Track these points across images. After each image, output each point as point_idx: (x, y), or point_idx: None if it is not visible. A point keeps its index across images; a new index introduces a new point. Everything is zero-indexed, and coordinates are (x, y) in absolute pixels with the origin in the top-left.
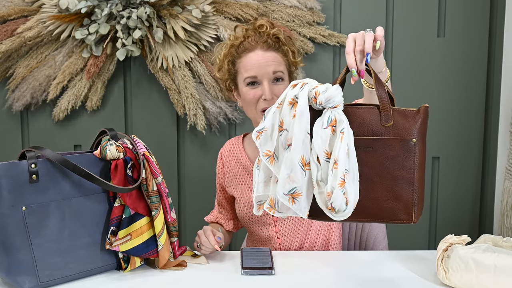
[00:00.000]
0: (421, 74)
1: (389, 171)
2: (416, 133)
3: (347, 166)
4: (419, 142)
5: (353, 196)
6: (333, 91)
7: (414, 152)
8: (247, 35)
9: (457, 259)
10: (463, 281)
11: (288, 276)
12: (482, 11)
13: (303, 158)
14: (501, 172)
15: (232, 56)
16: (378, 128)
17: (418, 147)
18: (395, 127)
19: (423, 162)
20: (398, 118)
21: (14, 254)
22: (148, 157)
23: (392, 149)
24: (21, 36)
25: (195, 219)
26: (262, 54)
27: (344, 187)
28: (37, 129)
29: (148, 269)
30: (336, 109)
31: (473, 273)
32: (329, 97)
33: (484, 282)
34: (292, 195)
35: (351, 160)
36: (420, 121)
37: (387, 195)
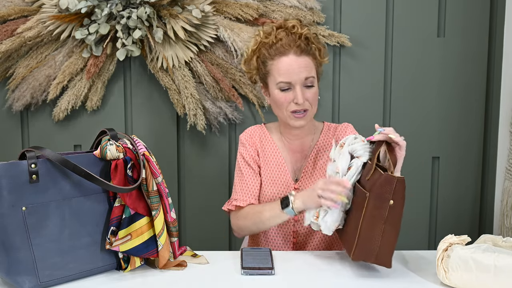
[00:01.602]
0: (421, 74)
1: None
2: (370, 190)
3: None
4: (371, 198)
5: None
6: (357, 146)
7: (364, 202)
8: (279, 37)
9: (457, 259)
10: (463, 281)
11: (288, 276)
12: (482, 11)
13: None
14: (501, 172)
15: (264, 56)
16: (364, 180)
17: (369, 201)
18: (369, 182)
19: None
20: (374, 177)
21: (14, 254)
22: (148, 157)
23: (357, 197)
24: (21, 36)
25: (195, 219)
26: (296, 59)
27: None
28: (37, 129)
29: (148, 269)
30: (358, 159)
31: (473, 272)
32: (353, 149)
33: (484, 281)
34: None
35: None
36: (379, 182)
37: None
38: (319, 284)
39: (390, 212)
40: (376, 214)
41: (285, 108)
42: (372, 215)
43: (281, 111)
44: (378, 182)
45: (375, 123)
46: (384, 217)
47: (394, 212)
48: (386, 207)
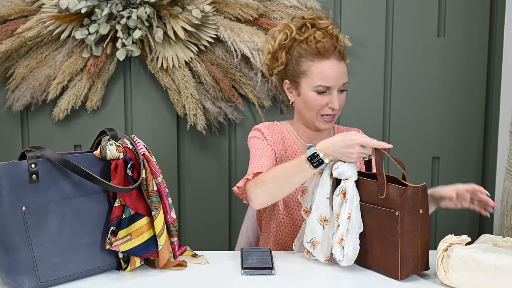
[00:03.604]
0: (421, 74)
1: (381, 234)
2: (400, 207)
3: (348, 227)
4: (404, 214)
5: (351, 250)
6: (344, 167)
7: (397, 222)
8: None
9: (457, 259)
10: (463, 281)
11: (288, 276)
12: (482, 11)
13: (322, 216)
14: (501, 172)
15: (298, 54)
16: (376, 199)
17: (403, 219)
18: (387, 200)
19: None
20: (391, 192)
21: (14, 254)
22: (148, 157)
23: (382, 218)
24: (21, 36)
25: (195, 219)
26: (337, 64)
27: (342, 243)
28: (37, 129)
29: (148, 269)
30: (348, 181)
31: (473, 272)
32: (340, 172)
33: (484, 281)
34: (312, 243)
35: (352, 222)
36: (406, 197)
37: (381, 252)
38: (319, 284)
39: (422, 221)
40: (412, 229)
41: (316, 111)
42: (409, 230)
43: (310, 112)
44: (404, 197)
45: (375, 123)
46: (419, 228)
47: (424, 219)
48: (418, 217)
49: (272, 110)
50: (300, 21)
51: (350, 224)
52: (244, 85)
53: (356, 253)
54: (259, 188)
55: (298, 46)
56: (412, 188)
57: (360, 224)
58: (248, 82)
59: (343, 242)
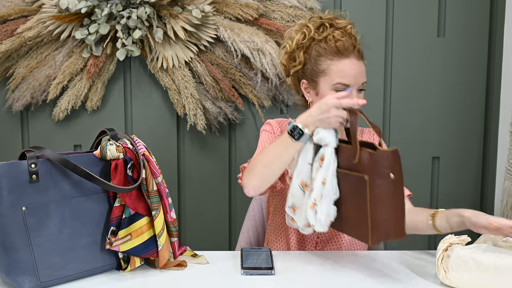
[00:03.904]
0: (421, 74)
1: (354, 200)
2: (370, 171)
3: (322, 192)
4: (374, 179)
5: (324, 215)
6: (324, 133)
7: (367, 187)
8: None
9: (457, 259)
10: (463, 281)
11: (288, 276)
12: (482, 11)
13: (303, 181)
14: (501, 172)
15: (317, 53)
16: (350, 164)
17: (372, 183)
18: (360, 165)
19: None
20: (363, 157)
21: (14, 254)
22: (148, 157)
23: (354, 183)
24: (21, 36)
25: (195, 219)
26: (357, 63)
27: (315, 208)
28: (37, 129)
29: (148, 269)
30: (327, 147)
31: (473, 272)
32: (320, 138)
33: (484, 281)
34: (293, 208)
35: (326, 187)
36: (375, 161)
37: (354, 218)
38: (319, 284)
39: (393, 186)
40: (382, 193)
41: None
42: (378, 195)
43: None
44: (373, 160)
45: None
46: (390, 193)
47: (396, 185)
48: (389, 182)
49: (272, 110)
50: (318, 21)
51: (325, 189)
52: (244, 85)
53: (329, 219)
54: (249, 173)
55: (316, 46)
56: (382, 152)
57: (336, 190)
58: (248, 82)
59: (315, 207)
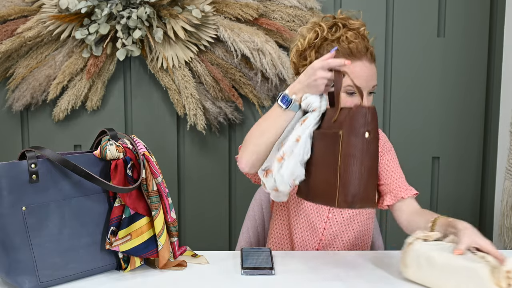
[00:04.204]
0: (421, 74)
1: (325, 158)
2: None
3: (293, 149)
4: (347, 135)
5: (289, 172)
6: (311, 98)
7: (339, 143)
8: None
9: (413, 254)
10: (417, 276)
11: (288, 276)
12: (482, 11)
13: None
14: (501, 172)
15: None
16: (330, 124)
17: (345, 139)
18: (337, 122)
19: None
20: (341, 115)
21: (14, 254)
22: (148, 157)
23: (328, 140)
24: (21, 36)
25: (195, 219)
26: (369, 66)
27: (281, 162)
28: (37, 129)
29: (148, 269)
30: (314, 112)
31: (424, 269)
32: (308, 103)
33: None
34: (266, 171)
35: (298, 145)
36: (350, 116)
37: (322, 179)
38: (319, 284)
39: (367, 146)
40: (353, 152)
41: None
42: (350, 153)
43: None
44: (349, 117)
45: None
46: (363, 152)
47: (371, 146)
48: (362, 141)
49: None
50: (331, 20)
51: (297, 147)
52: (244, 85)
53: (292, 178)
54: (242, 148)
55: (329, 46)
56: (358, 108)
57: (308, 151)
58: (248, 82)
59: (282, 161)
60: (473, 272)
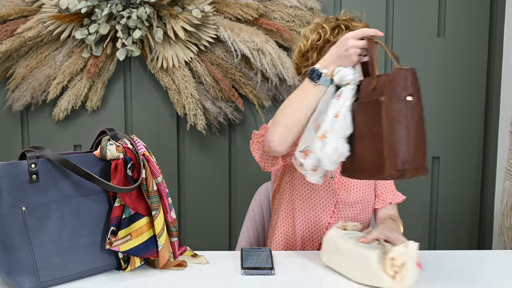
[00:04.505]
0: (421, 74)
1: (369, 129)
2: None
3: (332, 125)
4: (389, 100)
5: (332, 149)
6: (345, 71)
7: (382, 109)
8: None
9: (326, 241)
10: (330, 262)
11: (288, 276)
12: (482, 11)
13: (317, 124)
14: (501, 172)
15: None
16: (368, 92)
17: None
18: (377, 89)
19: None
20: (380, 82)
21: (14, 254)
22: (148, 157)
23: (370, 109)
24: (21, 36)
25: (195, 219)
26: None
27: (323, 140)
28: (37, 129)
29: (148, 269)
30: (348, 85)
31: (332, 254)
32: (341, 76)
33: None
34: (305, 152)
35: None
36: (390, 80)
37: (369, 148)
38: (319, 284)
39: (411, 110)
40: (398, 117)
41: None
42: (394, 119)
43: None
44: (390, 81)
45: None
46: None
47: (415, 110)
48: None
49: (272, 110)
50: (333, 22)
51: (336, 123)
52: (244, 85)
53: (337, 154)
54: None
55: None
56: (398, 70)
57: (349, 126)
58: (248, 82)
59: (324, 139)
60: (365, 258)
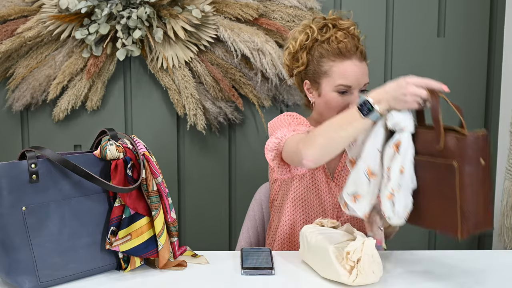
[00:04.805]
0: (421, 74)
1: (438, 189)
2: (459, 157)
3: (399, 182)
4: (464, 165)
5: (402, 207)
6: (399, 117)
7: (456, 174)
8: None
9: (301, 237)
10: (304, 257)
11: (288, 276)
12: (482, 11)
13: (369, 169)
14: (501, 172)
15: (320, 54)
16: (433, 150)
17: (462, 170)
18: (444, 150)
19: (473, 183)
20: (449, 142)
21: (14, 254)
22: (148, 157)
23: (439, 170)
24: (21, 36)
25: (195, 219)
26: (359, 64)
27: (392, 199)
28: (37, 129)
29: (148, 269)
30: (403, 132)
31: (305, 250)
32: (396, 122)
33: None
34: (354, 196)
35: (405, 176)
36: (465, 146)
37: (438, 209)
38: (319, 284)
39: (483, 173)
40: (472, 181)
41: (337, 111)
42: (468, 183)
43: (331, 113)
44: (462, 145)
45: None
46: (480, 180)
47: (485, 171)
48: (478, 169)
49: (272, 110)
50: (321, 22)
51: (403, 178)
52: (244, 85)
53: (407, 211)
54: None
55: (319, 47)
56: (472, 135)
57: (414, 179)
58: (248, 82)
59: (393, 198)
60: (325, 252)
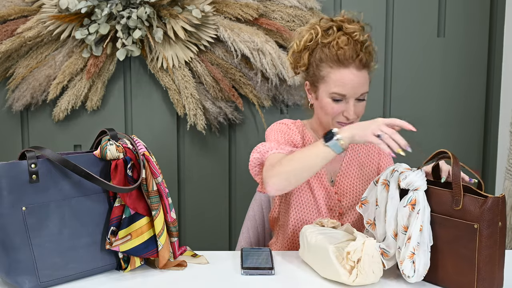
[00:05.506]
0: (421, 74)
1: (455, 248)
2: (479, 219)
3: (419, 240)
4: (483, 227)
5: (422, 265)
6: (413, 177)
7: (476, 235)
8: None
9: (301, 236)
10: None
11: (288, 276)
12: (482, 11)
13: (394, 231)
14: (501, 172)
15: (319, 58)
16: (450, 209)
17: (481, 232)
18: (463, 211)
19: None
20: (468, 203)
21: (14, 254)
22: (148, 157)
23: (457, 230)
24: (21, 36)
25: (195, 219)
26: (356, 74)
27: (413, 258)
28: (37, 129)
29: (148, 269)
30: (417, 191)
31: (305, 249)
32: (409, 183)
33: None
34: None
35: (424, 234)
36: (486, 209)
37: (454, 268)
38: (319, 284)
39: (500, 233)
40: (491, 243)
41: (331, 117)
42: (488, 245)
43: (326, 118)
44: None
45: None
46: (497, 242)
47: (503, 233)
48: (496, 231)
49: (272, 110)
50: (328, 22)
51: (422, 236)
52: (244, 85)
53: (426, 269)
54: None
55: (320, 50)
56: (493, 199)
57: (431, 237)
58: (248, 82)
59: (414, 257)
60: (325, 252)
